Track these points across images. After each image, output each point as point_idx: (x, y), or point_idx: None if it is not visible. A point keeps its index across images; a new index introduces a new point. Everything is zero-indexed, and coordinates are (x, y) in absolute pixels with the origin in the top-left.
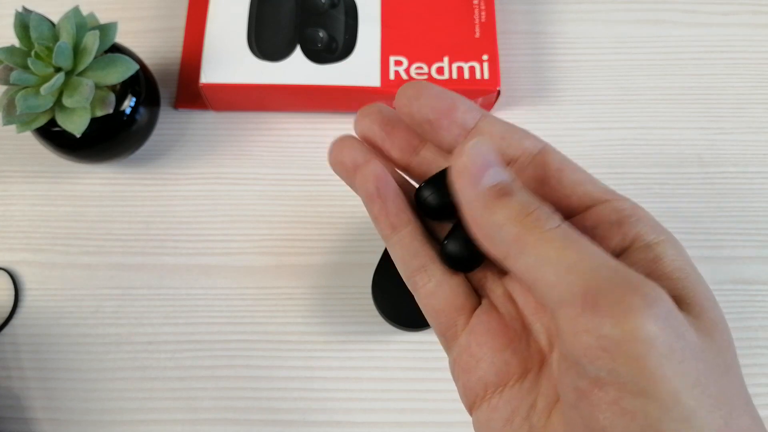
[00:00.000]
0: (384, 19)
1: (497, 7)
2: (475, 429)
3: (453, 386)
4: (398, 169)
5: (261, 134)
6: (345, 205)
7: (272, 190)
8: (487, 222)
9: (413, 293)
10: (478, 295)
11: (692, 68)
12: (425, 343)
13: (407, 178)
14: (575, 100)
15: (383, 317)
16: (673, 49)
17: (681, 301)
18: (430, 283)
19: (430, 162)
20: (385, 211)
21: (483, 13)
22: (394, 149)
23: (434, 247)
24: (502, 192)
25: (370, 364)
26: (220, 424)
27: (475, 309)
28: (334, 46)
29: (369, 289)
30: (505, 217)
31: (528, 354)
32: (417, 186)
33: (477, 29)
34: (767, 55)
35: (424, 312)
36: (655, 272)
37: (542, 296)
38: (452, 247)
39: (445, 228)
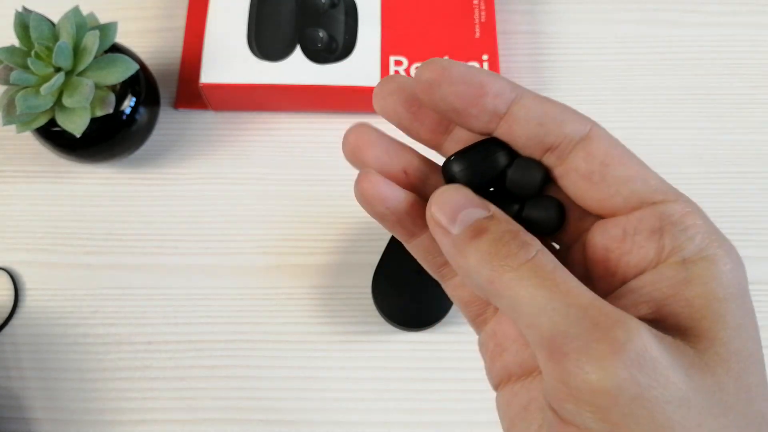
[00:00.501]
0: (384, 19)
1: (497, 7)
2: (497, 404)
3: (453, 386)
4: (429, 147)
5: (261, 134)
6: (345, 205)
7: (272, 190)
8: (463, 268)
9: (442, 284)
10: None
11: (692, 68)
12: (425, 343)
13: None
14: (575, 100)
15: (383, 317)
16: (673, 49)
17: (688, 332)
18: (457, 276)
19: (466, 141)
20: (400, 226)
21: (483, 13)
22: (424, 130)
23: None
24: (475, 232)
25: (370, 364)
26: (220, 424)
27: None
28: (334, 46)
29: (369, 289)
30: (477, 261)
31: None
32: (446, 158)
33: (477, 29)
34: (767, 55)
35: (453, 300)
36: (675, 296)
37: (524, 335)
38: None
39: None
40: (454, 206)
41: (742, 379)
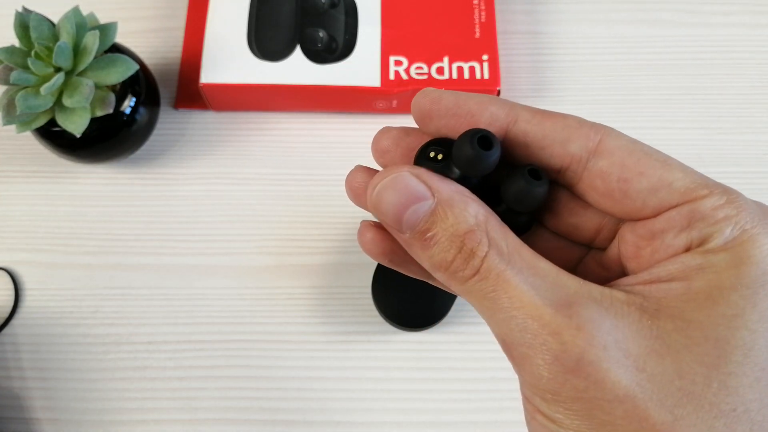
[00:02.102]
0: (384, 19)
1: (497, 7)
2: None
3: (453, 386)
4: None
5: (261, 134)
6: (345, 205)
7: (272, 190)
8: (420, 261)
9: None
10: None
11: (692, 68)
12: (425, 343)
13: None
14: (575, 100)
15: (383, 317)
16: (673, 49)
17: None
18: None
19: None
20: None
21: (483, 13)
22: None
23: None
24: (423, 241)
25: (370, 364)
26: (220, 424)
27: None
28: (334, 46)
29: (369, 289)
30: (430, 268)
31: None
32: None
33: (477, 29)
34: (767, 55)
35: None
36: (678, 277)
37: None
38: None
39: None
40: (397, 208)
41: (720, 368)
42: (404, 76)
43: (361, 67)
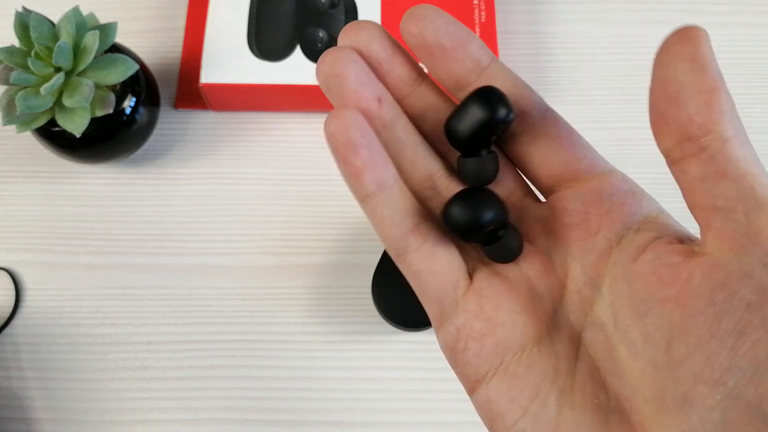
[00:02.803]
0: (384, 19)
1: (497, 7)
2: (485, 405)
3: (453, 386)
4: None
5: (261, 134)
6: (345, 205)
7: (272, 190)
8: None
9: (401, 259)
10: (469, 258)
11: None
12: (425, 343)
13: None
14: (575, 100)
15: (383, 317)
16: None
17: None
18: (426, 243)
19: (428, 101)
20: (372, 163)
21: (483, 13)
22: (392, 77)
23: (419, 204)
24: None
25: (370, 364)
26: (220, 424)
27: (470, 273)
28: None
29: (369, 289)
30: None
31: (538, 317)
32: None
33: (477, 29)
34: (767, 55)
35: (416, 280)
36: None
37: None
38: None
39: None
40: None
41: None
42: None
43: None
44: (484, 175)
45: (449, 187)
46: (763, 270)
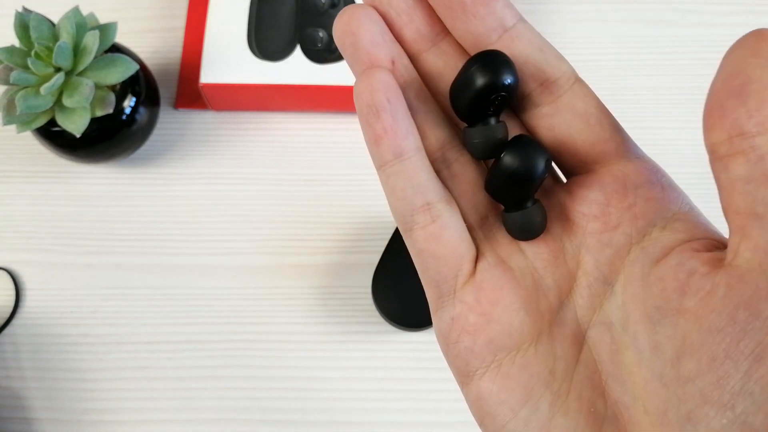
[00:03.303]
0: None
1: None
2: (476, 402)
3: (453, 386)
4: (406, 53)
5: (261, 134)
6: (345, 205)
7: (272, 190)
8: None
9: (407, 235)
10: (475, 242)
11: (692, 68)
12: (425, 343)
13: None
14: None
15: (383, 317)
16: (673, 49)
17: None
18: (433, 224)
19: (448, 59)
20: (393, 130)
21: None
22: (410, 30)
23: (438, 182)
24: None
25: (370, 364)
26: (220, 424)
27: (474, 259)
28: (334, 46)
29: (369, 289)
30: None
31: (539, 314)
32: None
33: None
34: None
35: (418, 259)
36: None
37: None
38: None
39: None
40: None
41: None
42: None
43: None
44: (489, 146)
45: (459, 160)
46: None
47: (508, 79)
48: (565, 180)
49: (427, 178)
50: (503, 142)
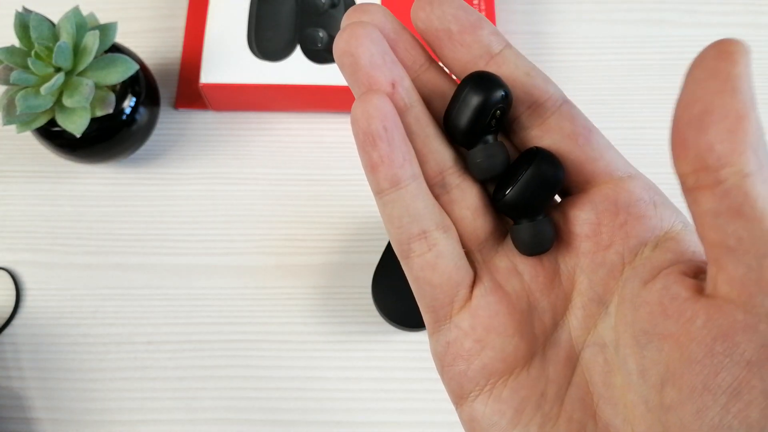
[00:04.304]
0: None
1: (497, 7)
2: (469, 423)
3: None
4: None
5: (261, 134)
6: (345, 205)
7: (272, 190)
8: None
9: (404, 262)
10: (473, 267)
11: None
12: (425, 343)
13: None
14: (575, 100)
15: (383, 317)
16: (673, 49)
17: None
18: (429, 253)
19: (434, 85)
20: (389, 158)
21: (483, 13)
22: (405, 54)
23: (437, 209)
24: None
25: (370, 364)
26: (220, 424)
27: (472, 284)
28: None
29: (369, 289)
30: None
31: (533, 337)
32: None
33: None
34: (767, 55)
35: (415, 285)
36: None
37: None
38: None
39: None
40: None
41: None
42: None
43: None
44: (493, 165)
45: (460, 186)
46: None
47: (501, 93)
48: (558, 199)
49: (424, 206)
50: (505, 161)
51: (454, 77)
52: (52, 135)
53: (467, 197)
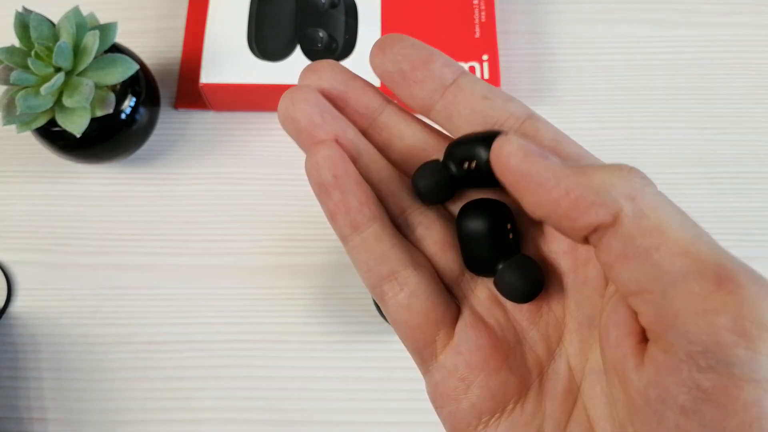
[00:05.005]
0: (384, 19)
1: (497, 7)
2: None
3: None
4: None
5: (261, 134)
6: None
7: (272, 190)
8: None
9: (381, 306)
10: (455, 302)
11: (692, 68)
12: None
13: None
14: (575, 100)
15: (383, 317)
16: (673, 49)
17: None
18: (401, 293)
19: (392, 128)
20: (345, 205)
21: (483, 13)
22: (350, 110)
23: (405, 247)
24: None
25: (370, 364)
26: (220, 424)
27: (455, 320)
28: (334, 46)
29: None
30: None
31: (525, 370)
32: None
33: (477, 29)
34: (767, 55)
35: (395, 328)
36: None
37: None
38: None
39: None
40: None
41: None
42: None
43: (361, 67)
44: (435, 186)
45: (423, 223)
46: (691, 364)
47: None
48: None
49: (389, 247)
50: (448, 182)
51: (418, 115)
52: (52, 135)
53: (433, 233)
